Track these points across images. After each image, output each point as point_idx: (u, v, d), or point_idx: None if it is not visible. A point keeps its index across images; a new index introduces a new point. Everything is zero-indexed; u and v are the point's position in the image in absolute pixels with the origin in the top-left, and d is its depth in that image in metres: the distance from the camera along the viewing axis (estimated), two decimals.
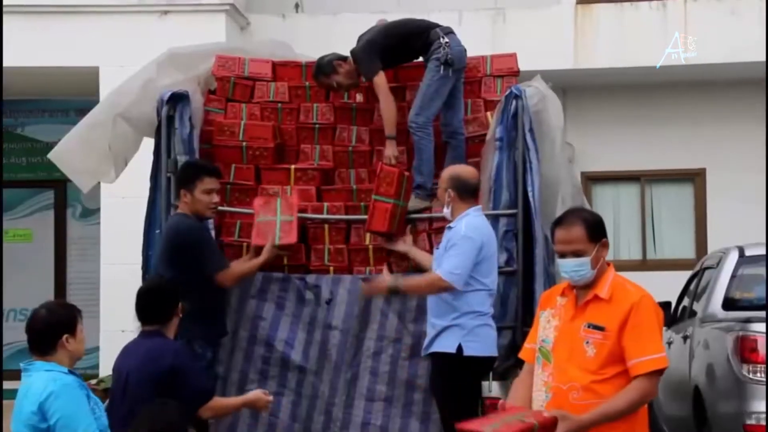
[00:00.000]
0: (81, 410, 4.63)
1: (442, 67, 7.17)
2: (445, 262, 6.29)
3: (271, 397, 5.81)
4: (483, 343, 6.37)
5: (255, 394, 5.78)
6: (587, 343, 4.51)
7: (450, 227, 6.47)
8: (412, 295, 6.74)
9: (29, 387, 4.70)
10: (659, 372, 4.48)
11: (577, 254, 4.58)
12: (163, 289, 5.56)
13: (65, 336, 4.75)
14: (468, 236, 6.31)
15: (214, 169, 6.85)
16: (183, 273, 6.41)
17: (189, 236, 6.61)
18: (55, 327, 4.77)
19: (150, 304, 5.50)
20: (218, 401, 5.65)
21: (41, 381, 4.67)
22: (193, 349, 6.40)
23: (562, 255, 4.62)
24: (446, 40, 7.25)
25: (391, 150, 7.19)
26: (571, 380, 4.51)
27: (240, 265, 6.83)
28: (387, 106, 7.24)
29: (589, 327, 4.52)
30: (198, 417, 5.49)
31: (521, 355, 4.86)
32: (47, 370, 4.70)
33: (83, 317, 4.94)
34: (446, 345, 6.34)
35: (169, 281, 5.67)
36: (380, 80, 7.25)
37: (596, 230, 4.62)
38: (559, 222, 4.72)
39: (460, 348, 6.28)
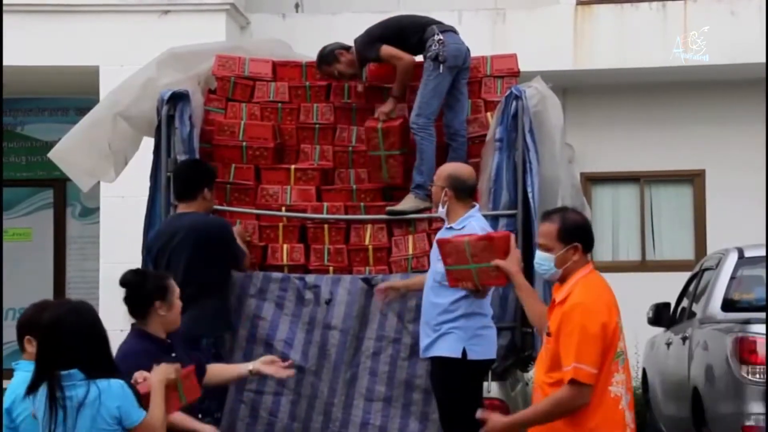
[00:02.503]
0: None
1: (433, 65, 7.18)
2: None
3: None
4: (486, 345, 6.33)
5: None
6: (544, 345, 4.68)
7: (453, 228, 6.37)
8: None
9: (9, 386, 4.68)
10: (580, 383, 4.46)
11: (544, 249, 4.72)
12: (138, 282, 5.11)
13: (27, 337, 4.70)
14: None
15: None
16: (218, 270, 6.62)
17: (228, 231, 6.80)
18: (18, 329, 4.74)
19: (125, 297, 5.13)
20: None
21: (16, 381, 4.63)
22: (199, 345, 6.40)
23: (538, 246, 4.79)
24: (440, 37, 7.23)
25: (388, 107, 7.26)
26: (537, 381, 4.72)
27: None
28: (403, 67, 7.26)
29: (545, 330, 4.67)
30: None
31: None
32: (27, 371, 4.63)
33: None
34: (450, 349, 6.24)
35: (149, 275, 5.32)
36: (387, 50, 7.28)
37: (570, 232, 4.69)
38: (543, 215, 4.92)
39: (464, 352, 6.24)
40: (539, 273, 4.79)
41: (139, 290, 5.06)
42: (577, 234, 4.70)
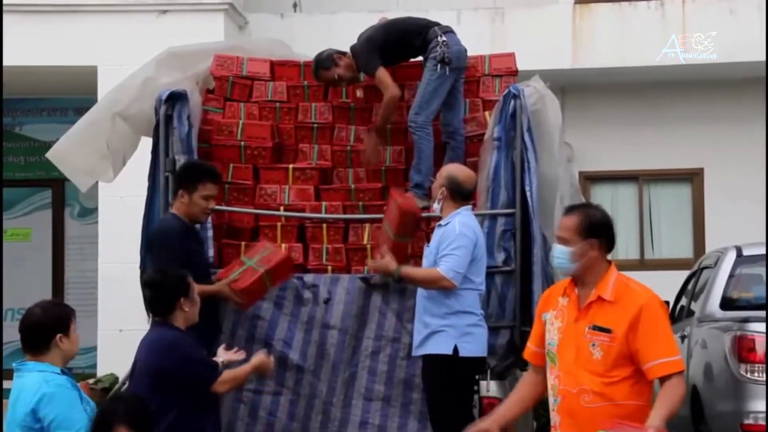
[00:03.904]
0: (75, 411, 4.63)
1: (438, 66, 7.19)
2: (447, 260, 6.29)
3: (271, 360, 5.88)
4: (477, 343, 6.37)
5: (259, 357, 5.82)
6: (593, 345, 4.47)
7: (441, 225, 6.48)
8: (411, 284, 6.64)
9: (22, 388, 4.69)
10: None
11: (562, 242, 4.58)
12: (161, 282, 5.52)
13: (59, 336, 4.75)
14: (464, 234, 6.34)
15: (217, 176, 6.78)
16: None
17: (160, 237, 6.59)
18: (49, 326, 4.77)
19: (150, 298, 5.53)
20: (228, 374, 5.66)
21: (34, 382, 4.65)
22: None
23: (557, 239, 4.66)
24: (444, 38, 7.26)
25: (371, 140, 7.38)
26: (580, 384, 4.48)
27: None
28: (390, 99, 7.28)
29: (594, 329, 4.48)
30: (216, 393, 5.60)
31: (525, 354, 4.87)
32: (40, 371, 4.69)
33: (81, 316, 4.94)
34: (441, 347, 6.32)
35: (171, 274, 5.63)
36: (381, 74, 7.29)
37: (591, 227, 4.57)
38: (567, 209, 4.83)
39: (455, 349, 6.28)
40: (554, 265, 4.72)
41: (164, 289, 5.45)
42: (596, 230, 4.58)
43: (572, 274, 4.60)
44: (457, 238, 6.32)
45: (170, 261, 6.34)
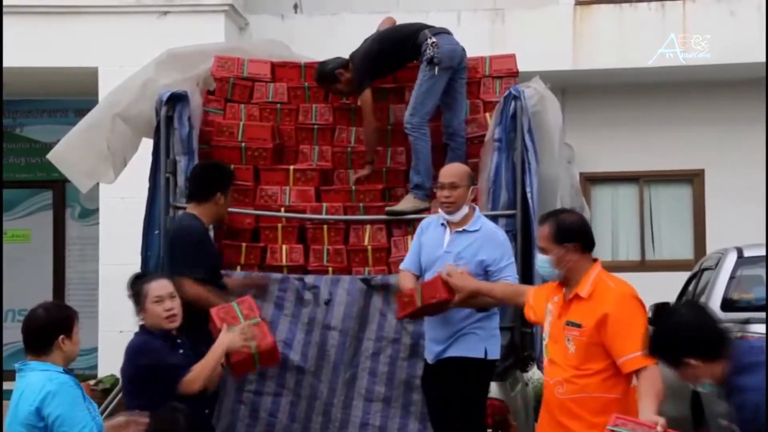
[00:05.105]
0: (78, 409, 4.65)
1: (428, 67, 7.19)
2: (510, 270, 6.26)
3: (239, 329, 5.96)
4: (498, 345, 6.36)
5: (222, 338, 5.87)
6: (568, 340, 4.69)
7: (467, 230, 6.30)
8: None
9: (25, 387, 4.70)
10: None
11: (542, 251, 4.85)
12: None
13: (61, 337, 4.76)
14: (507, 239, 6.41)
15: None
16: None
17: (182, 236, 6.55)
18: (52, 328, 4.78)
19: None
20: (196, 369, 5.69)
21: (38, 381, 4.67)
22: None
23: (539, 250, 4.94)
24: (433, 40, 7.25)
25: (365, 173, 7.40)
26: (556, 376, 4.72)
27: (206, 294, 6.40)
28: (367, 129, 7.34)
29: (567, 324, 4.70)
30: (184, 393, 5.61)
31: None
32: (43, 370, 4.71)
33: (82, 317, 4.96)
34: (471, 349, 6.20)
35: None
36: (365, 99, 7.31)
37: (564, 233, 4.78)
38: (540, 219, 5.09)
39: (485, 352, 6.24)
40: (543, 275, 4.91)
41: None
42: (571, 234, 4.78)
43: (560, 279, 4.85)
44: (505, 246, 6.32)
45: (204, 260, 6.48)
